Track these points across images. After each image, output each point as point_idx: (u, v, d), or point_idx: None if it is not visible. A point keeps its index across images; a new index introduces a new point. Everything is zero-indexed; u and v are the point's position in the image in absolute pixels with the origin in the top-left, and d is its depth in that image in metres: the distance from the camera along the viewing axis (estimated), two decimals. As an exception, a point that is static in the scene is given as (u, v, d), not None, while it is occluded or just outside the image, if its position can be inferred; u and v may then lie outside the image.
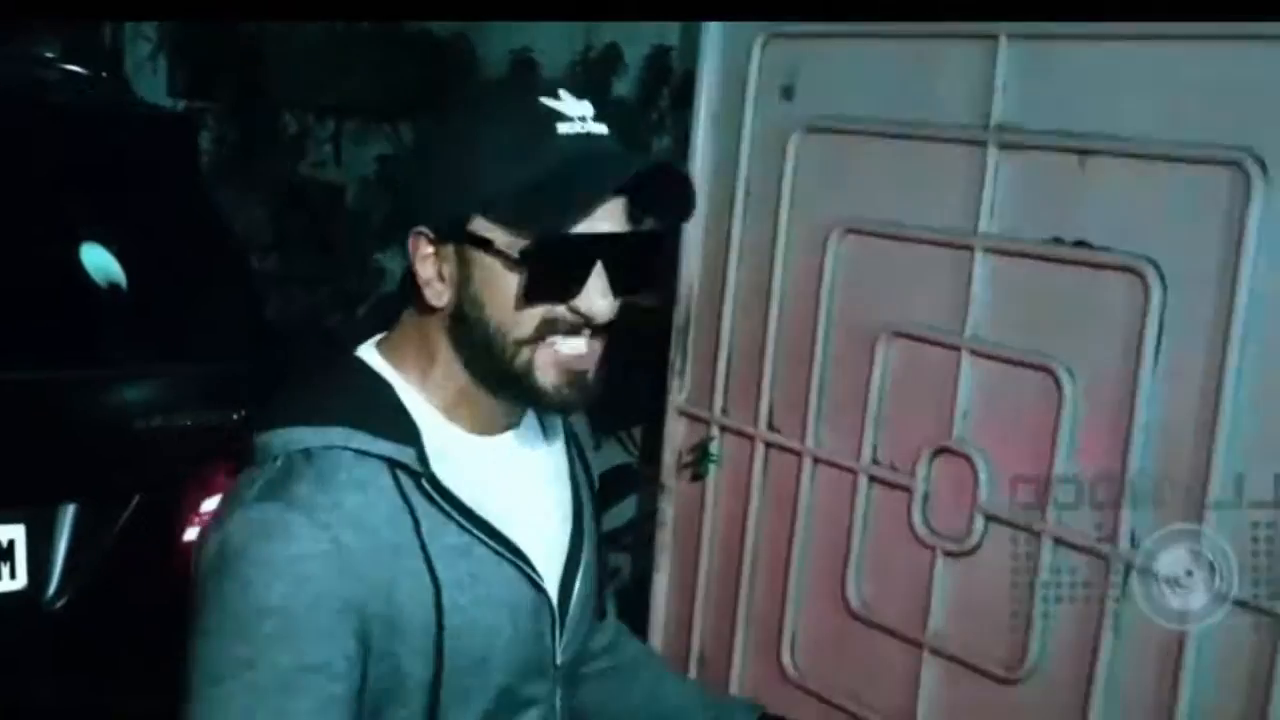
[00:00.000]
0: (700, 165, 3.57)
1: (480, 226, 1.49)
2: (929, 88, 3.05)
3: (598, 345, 1.55)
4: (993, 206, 2.94)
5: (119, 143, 3.52)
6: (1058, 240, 2.83)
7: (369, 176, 5.53)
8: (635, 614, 3.82)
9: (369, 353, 1.62)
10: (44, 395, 3.03)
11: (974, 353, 2.96)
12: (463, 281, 1.51)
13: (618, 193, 1.49)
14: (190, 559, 2.92)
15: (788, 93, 3.38)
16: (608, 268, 1.50)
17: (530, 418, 1.71)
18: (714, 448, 3.60)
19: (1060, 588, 2.85)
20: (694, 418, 3.66)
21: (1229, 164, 2.54)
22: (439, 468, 1.53)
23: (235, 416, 3.20)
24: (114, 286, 3.34)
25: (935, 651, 3.08)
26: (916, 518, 3.10)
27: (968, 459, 2.98)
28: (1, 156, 3.27)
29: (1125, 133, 2.69)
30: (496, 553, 1.56)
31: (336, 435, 1.48)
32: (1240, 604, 2.53)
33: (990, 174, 2.93)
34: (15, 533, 2.84)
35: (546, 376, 1.53)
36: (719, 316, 3.56)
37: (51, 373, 3.07)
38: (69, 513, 2.95)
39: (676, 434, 3.72)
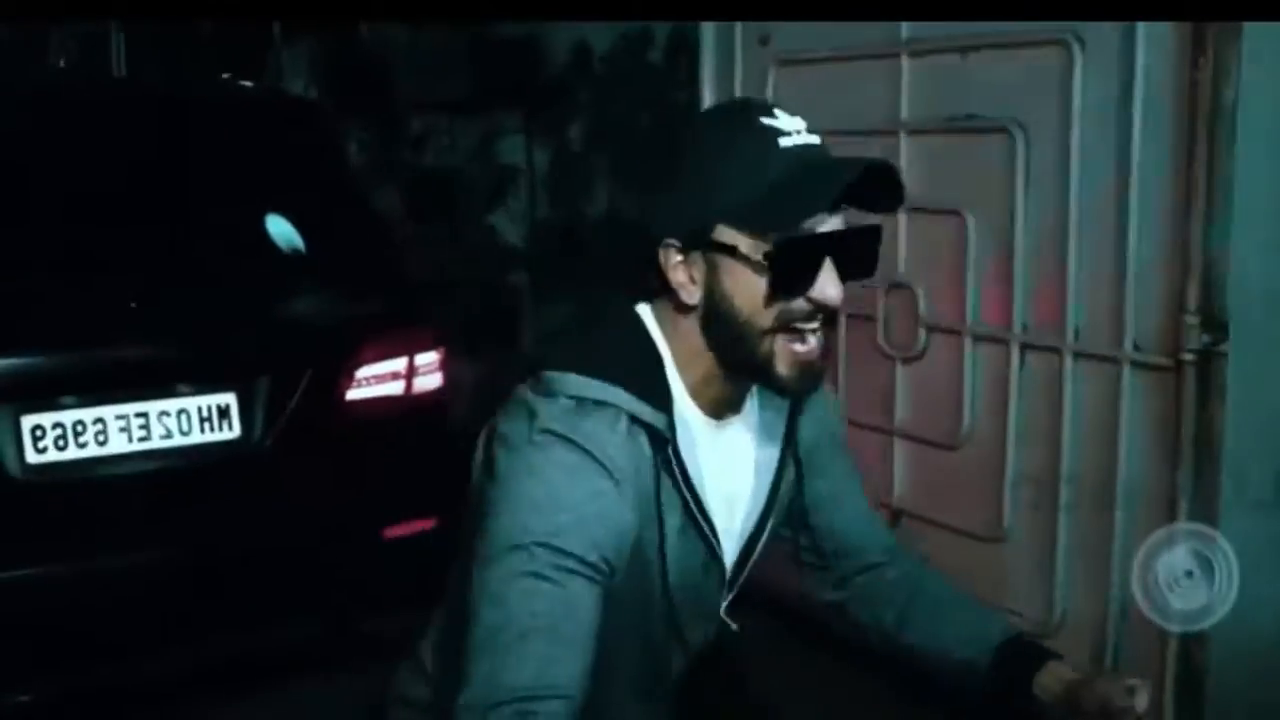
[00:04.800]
0: (708, 99, 4.43)
1: (724, 234, 1.58)
2: (858, 25, 3.85)
3: (823, 338, 1.64)
4: (907, 100, 3.76)
5: (284, 132, 4.44)
6: (953, 118, 3.63)
7: (474, 159, 6.40)
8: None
9: (647, 317, 1.71)
10: (246, 308, 3.96)
11: (909, 210, 3.74)
12: (711, 283, 1.61)
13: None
14: (347, 412, 3.76)
15: (764, 40, 4.24)
16: (835, 260, 1.59)
17: (751, 404, 1.81)
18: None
19: (981, 371, 3.69)
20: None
21: (1060, 43, 3.32)
22: (680, 437, 1.67)
23: (369, 317, 4.11)
24: (295, 250, 4.26)
25: (902, 435, 3.91)
26: (881, 339, 3.93)
27: (910, 289, 3.81)
28: (194, 149, 4.20)
29: (989, 31, 3.48)
30: (696, 523, 1.72)
31: (617, 396, 1.60)
32: (1086, 355, 3.37)
33: (904, 76, 3.76)
34: (229, 399, 3.75)
35: (784, 366, 1.62)
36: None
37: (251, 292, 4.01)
38: (264, 383, 3.82)
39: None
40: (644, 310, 1.72)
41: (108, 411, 3.58)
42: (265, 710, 3.94)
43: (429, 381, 4.15)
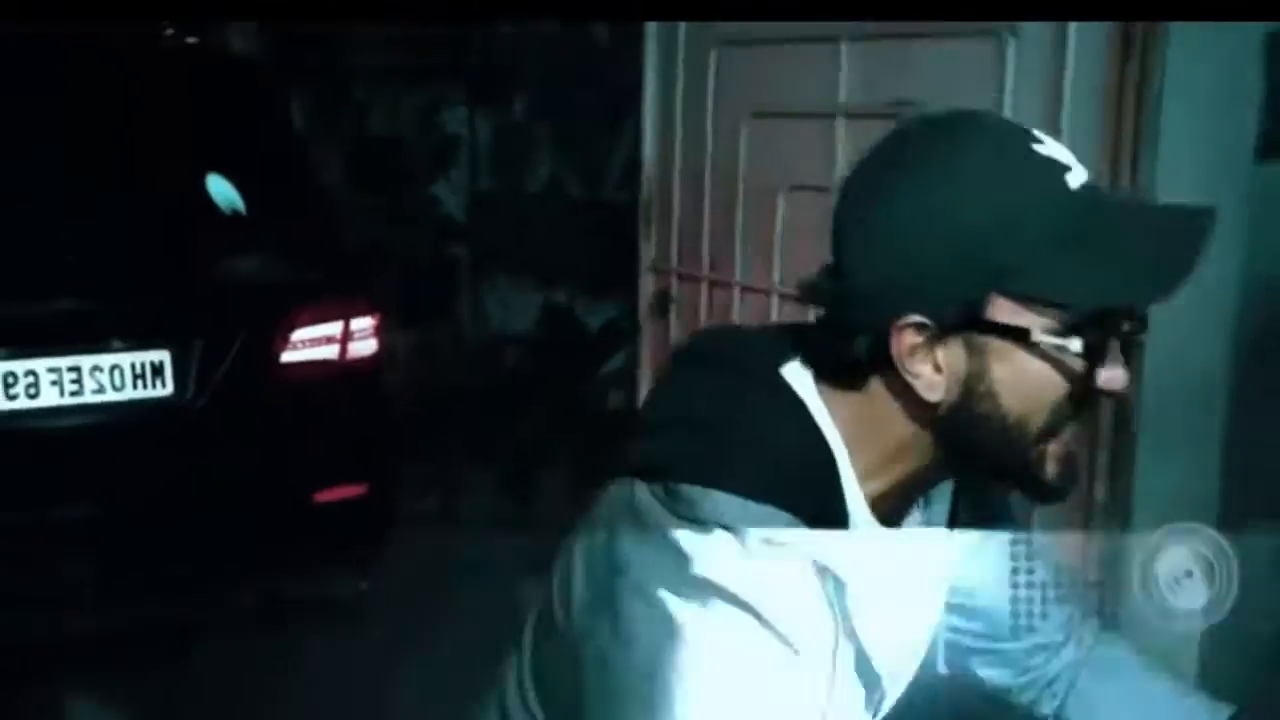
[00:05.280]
0: (650, 87, 4.47)
1: (1002, 310, 1.17)
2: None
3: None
4: (847, 84, 3.82)
5: (227, 92, 4.44)
6: (890, 103, 3.69)
7: (417, 129, 6.42)
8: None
9: (812, 399, 1.28)
10: (183, 266, 3.95)
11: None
12: (975, 375, 1.20)
13: None
14: (280, 374, 3.79)
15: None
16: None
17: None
18: (674, 292, 4.49)
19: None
20: (659, 271, 4.55)
21: (994, 35, 3.37)
22: (856, 573, 1.24)
23: (306, 280, 4.11)
24: (235, 210, 4.27)
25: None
26: (812, 320, 3.96)
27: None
28: (135, 106, 4.19)
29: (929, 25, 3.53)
30: (865, 674, 1.32)
31: (780, 525, 1.18)
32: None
33: (844, 61, 3.81)
34: (163, 356, 3.76)
35: (1052, 469, 1.24)
36: (669, 193, 4.46)
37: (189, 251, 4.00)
38: (199, 342, 3.84)
39: (647, 287, 4.61)
40: (807, 391, 1.28)
41: (40, 364, 3.59)
42: (193, 667, 3.96)
43: (363, 347, 4.18)
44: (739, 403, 1.26)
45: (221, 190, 4.28)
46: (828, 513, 1.23)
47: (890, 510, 1.30)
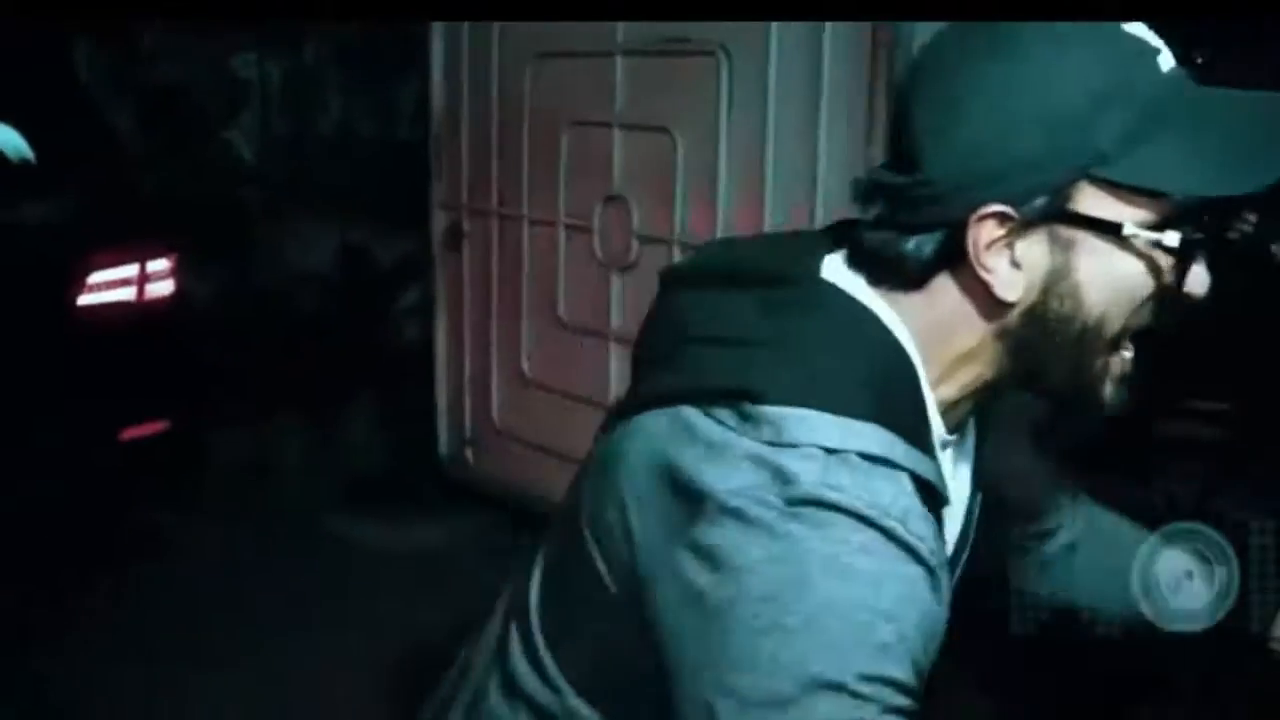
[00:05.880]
0: (437, 29, 4.61)
1: (1089, 200, 1.06)
2: None
3: None
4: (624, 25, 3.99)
5: (10, 43, 4.43)
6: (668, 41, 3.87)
7: (207, 75, 6.41)
8: (426, 359, 4.90)
9: (877, 305, 1.14)
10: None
11: (622, 126, 4.01)
12: (1056, 270, 1.09)
13: None
14: (78, 316, 3.84)
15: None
16: None
17: None
18: (465, 227, 4.63)
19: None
20: (449, 208, 4.69)
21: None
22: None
23: (99, 224, 4.18)
24: (23, 158, 4.27)
25: (618, 340, 4.15)
26: (597, 249, 4.17)
27: (625, 202, 4.06)
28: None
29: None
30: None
31: (876, 442, 1.06)
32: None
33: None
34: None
35: (1110, 384, 1.15)
36: (458, 132, 4.59)
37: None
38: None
39: (439, 223, 4.74)
40: (874, 300, 1.15)
41: None
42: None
43: (160, 288, 4.23)
44: (802, 315, 1.13)
45: (8, 138, 4.28)
46: (918, 425, 1.12)
47: (957, 421, 1.20)
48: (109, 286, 4.09)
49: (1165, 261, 1.08)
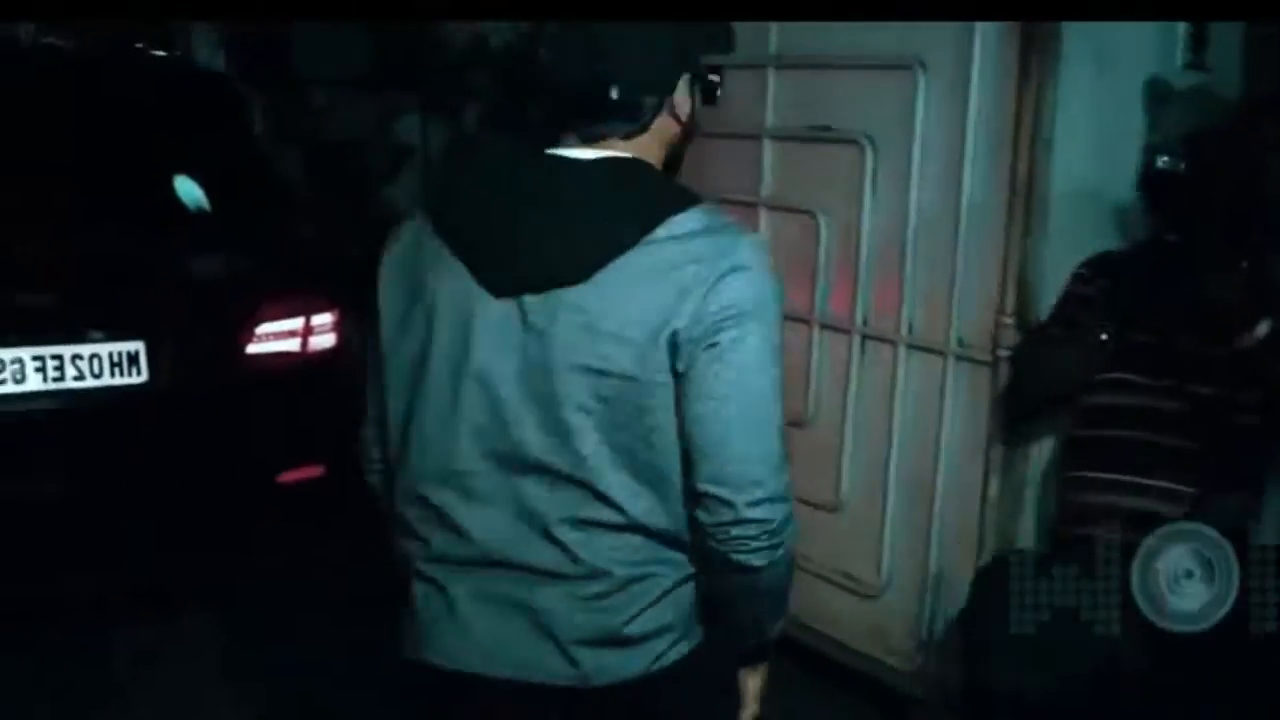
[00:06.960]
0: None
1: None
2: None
3: None
4: (773, 108, 4.08)
5: (192, 100, 4.68)
6: (811, 127, 3.96)
7: (372, 135, 6.64)
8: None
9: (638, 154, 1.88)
10: (155, 261, 4.18)
11: (767, 207, 4.11)
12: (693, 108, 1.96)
13: None
14: (246, 364, 4.01)
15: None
16: None
17: None
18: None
19: (826, 357, 4.01)
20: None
21: (906, 68, 3.65)
22: None
23: (269, 276, 4.38)
24: (201, 209, 4.51)
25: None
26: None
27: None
28: (108, 113, 4.43)
29: (845, 53, 3.82)
30: None
31: None
32: (917, 348, 3.71)
33: (770, 87, 4.07)
34: (138, 346, 3.96)
35: None
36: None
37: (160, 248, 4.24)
38: (171, 333, 4.03)
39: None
40: (621, 149, 1.83)
41: (25, 353, 3.80)
42: (162, 640, 4.19)
43: (324, 341, 4.40)
44: (633, 179, 1.80)
45: (188, 190, 4.51)
46: None
47: None
48: (276, 337, 4.27)
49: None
